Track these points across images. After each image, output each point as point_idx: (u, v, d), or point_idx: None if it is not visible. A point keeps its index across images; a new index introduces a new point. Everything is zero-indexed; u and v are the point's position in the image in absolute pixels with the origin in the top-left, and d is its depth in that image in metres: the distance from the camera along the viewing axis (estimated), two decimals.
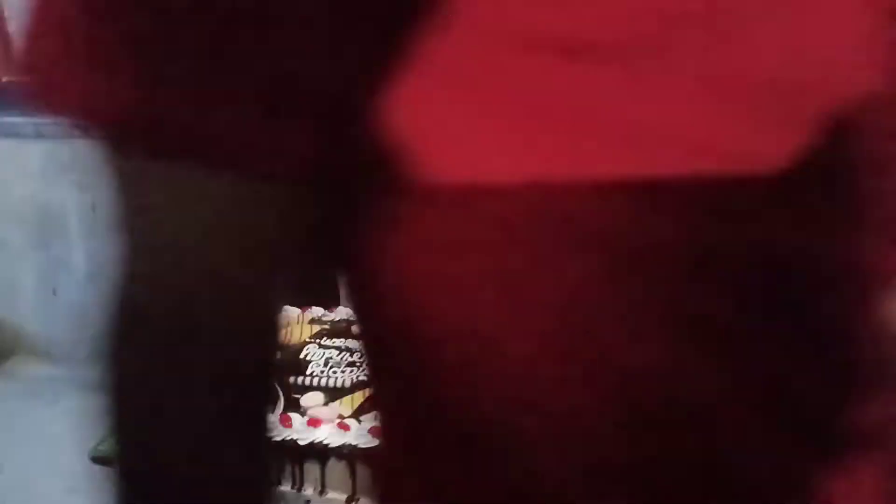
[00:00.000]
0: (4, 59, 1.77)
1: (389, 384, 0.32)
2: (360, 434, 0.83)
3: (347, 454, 0.82)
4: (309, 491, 0.85)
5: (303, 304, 1.16)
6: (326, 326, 1.10)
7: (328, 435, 0.84)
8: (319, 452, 0.83)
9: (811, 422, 0.27)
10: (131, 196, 0.27)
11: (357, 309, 0.31)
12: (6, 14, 1.73)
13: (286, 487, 0.85)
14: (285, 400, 0.90)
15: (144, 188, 0.26)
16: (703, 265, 0.24)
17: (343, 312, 1.14)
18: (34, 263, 2.04)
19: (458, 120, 0.24)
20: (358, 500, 0.83)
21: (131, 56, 0.24)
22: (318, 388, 0.93)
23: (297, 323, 1.10)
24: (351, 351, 1.02)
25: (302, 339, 1.06)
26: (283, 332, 1.05)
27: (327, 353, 1.02)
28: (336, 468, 0.83)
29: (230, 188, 0.25)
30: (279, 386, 0.92)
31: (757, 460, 0.27)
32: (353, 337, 1.06)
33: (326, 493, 0.84)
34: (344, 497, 0.84)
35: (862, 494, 0.29)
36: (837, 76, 0.24)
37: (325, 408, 0.89)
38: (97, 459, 0.93)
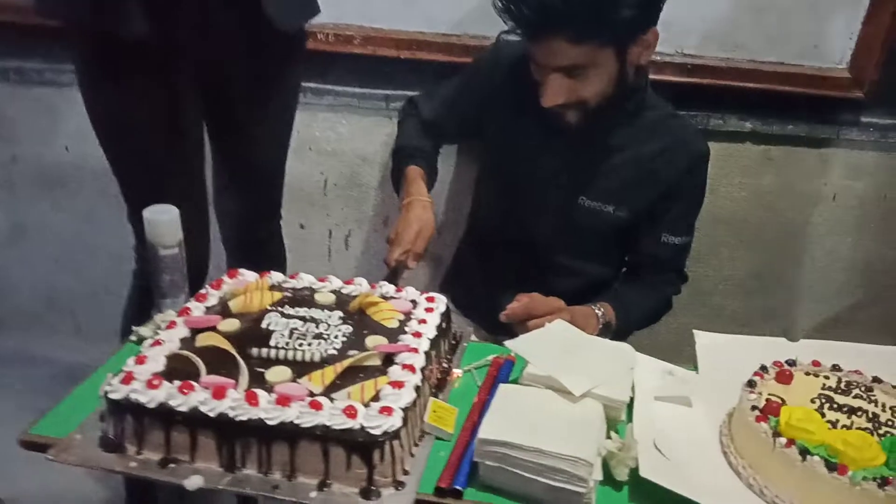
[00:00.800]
0: None
1: None
2: (333, 414, 0.76)
3: (320, 435, 0.75)
4: (277, 475, 0.77)
5: (260, 269, 1.06)
6: (289, 294, 1.01)
7: (299, 414, 0.75)
8: (289, 433, 0.75)
9: None
10: None
11: None
12: None
13: (252, 471, 0.77)
14: (249, 375, 0.81)
15: None
16: None
17: (306, 280, 1.04)
18: None
19: None
20: (330, 484, 0.76)
21: None
22: (285, 361, 0.85)
23: (256, 289, 1.00)
24: (317, 322, 0.94)
25: (262, 307, 0.96)
26: (241, 298, 0.95)
27: (291, 322, 0.93)
28: (307, 450, 0.75)
29: None
30: (242, 358, 0.83)
31: None
32: (319, 306, 0.98)
33: (296, 478, 0.76)
34: (315, 481, 0.76)
35: None
36: None
37: (294, 384, 0.81)
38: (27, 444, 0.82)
